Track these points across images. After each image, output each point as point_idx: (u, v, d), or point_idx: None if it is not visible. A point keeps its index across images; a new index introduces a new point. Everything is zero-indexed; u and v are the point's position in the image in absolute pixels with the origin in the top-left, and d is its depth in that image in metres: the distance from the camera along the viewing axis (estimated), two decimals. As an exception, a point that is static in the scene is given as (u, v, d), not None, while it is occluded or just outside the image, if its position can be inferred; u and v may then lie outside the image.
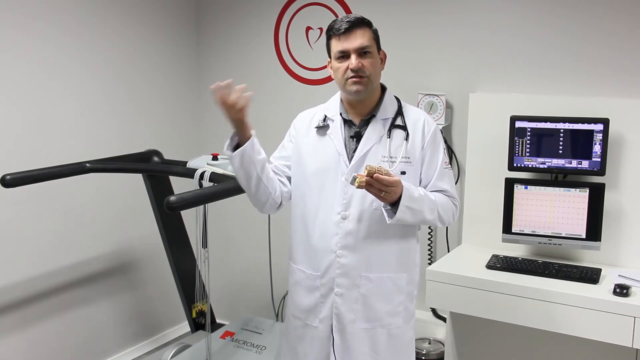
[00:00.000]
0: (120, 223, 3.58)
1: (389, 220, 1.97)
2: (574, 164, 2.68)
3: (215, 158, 2.91)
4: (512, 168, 2.79)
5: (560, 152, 2.70)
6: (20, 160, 2.98)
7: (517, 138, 2.75)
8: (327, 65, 2.12)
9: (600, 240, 2.65)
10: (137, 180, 3.34)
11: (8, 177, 2.73)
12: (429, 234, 3.20)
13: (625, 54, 2.71)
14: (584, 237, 2.67)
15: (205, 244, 2.92)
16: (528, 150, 2.74)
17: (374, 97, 2.09)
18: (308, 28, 3.52)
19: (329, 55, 2.08)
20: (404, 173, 2.04)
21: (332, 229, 2.06)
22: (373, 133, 2.06)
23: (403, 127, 2.08)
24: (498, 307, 2.54)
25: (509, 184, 2.77)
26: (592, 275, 2.54)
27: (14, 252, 3.07)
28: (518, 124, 2.75)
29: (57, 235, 3.25)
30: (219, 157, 2.92)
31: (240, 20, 3.74)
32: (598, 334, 2.37)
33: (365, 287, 2.07)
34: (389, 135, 2.06)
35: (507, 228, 2.79)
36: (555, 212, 2.71)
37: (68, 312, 3.35)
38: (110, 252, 3.56)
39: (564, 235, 2.70)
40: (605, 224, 2.67)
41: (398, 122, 2.09)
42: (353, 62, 1.97)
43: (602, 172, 2.63)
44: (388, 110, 2.09)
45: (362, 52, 1.99)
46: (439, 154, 2.10)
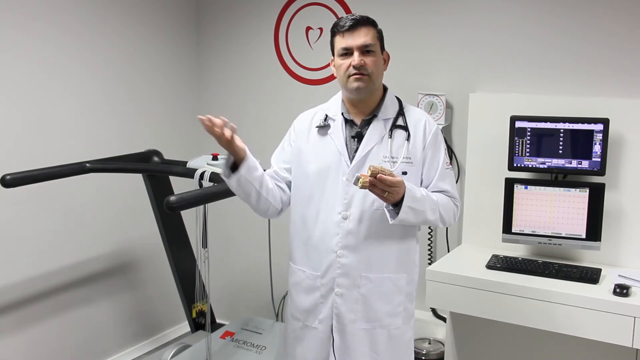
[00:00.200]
0: (120, 223, 3.58)
1: (392, 221, 1.97)
2: (574, 164, 2.68)
3: (215, 158, 2.91)
4: (512, 168, 2.79)
5: (560, 152, 2.70)
6: (20, 160, 2.98)
7: (517, 138, 2.76)
8: (330, 63, 2.13)
9: (600, 240, 2.65)
10: (137, 180, 3.34)
11: (8, 177, 2.73)
12: (429, 234, 3.20)
13: (625, 54, 2.71)
14: (584, 237, 2.67)
15: (205, 244, 2.92)
16: (528, 150, 2.75)
17: (376, 97, 2.09)
18: (308, 28, 3.52)
19: (332, 53, 2.08)
20: (405, 173, 2.04)
21: (332, 229, 2.06)
22: (374, 133, 2.06)
23: (404, 127, 2.08)
24: (498, 307, 2.54)
25: (509, 184, 2.77)
26: (592, 275, 2.54)
27: (14, 252, 3.07)
28: (518, 124, 2.75)
29: (57, 235, 3.25)
30: (219, 157, 2.92)
31: (240, 20, 3.74)
32: (598, 334, 2.37)
33: (366, 287, 2.07)
34: (391, 136, 2.07)
35: (507, 228, 2.79)
36: (555, 212, 2.71)
37: (68, 312, 3.35)
38: (110, 252, 3.56)
39: (564, 235, 2.70)
40: (605, 224, 2.67)
41: (399, 122, 2.09)
42: (355, 59, 1.98)
43: (602, 172, 2.63)
44: (389, 110, 2.09)
45: (365, 50, 1.99)
46: (440, 155, 2.11)
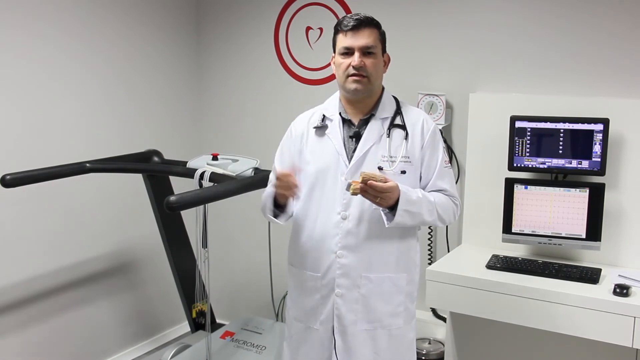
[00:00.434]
0: (120, 223, 3.58)
1: (388, 224, 1.98)
2: (574, 164, 2.68)
3: (215, 158, 2.91)
4: (512, 168, 2.79)
5: (560, 152, 2.70)
6: (20, 160, 2.98)
7: (517, 138, 2.75)
8: (330, 60, 2.12)
9: (600, 240, 2.65)
10: (137, 180, 3.34)
11: (8, 177, 2.73)
12: (429, 234, 3.20)
13: (625, 54, 2.71)
14: (584, 237, 2.67)
15: (205, 244, 2.92)
16: (528, 150, 2.74)
17: (374, 97, 2.09)
18: (308, 28, 3.52)
19: (334, 50, 2.08)
20: (404, 172, 2.04)
21: (332, 229, 2.06)
22: (372, 132, 2.06)
23: (402, 126, 2.08)
24: (498, 307, 2.54)
25: (509, 184, 2.77)
26: (592, 275, 2.54)
27: (14, 252, 3.07)
28: (518, 124, 2.75)
29: (57, 235, 3.25)
30: (219, 157, 2.92)
31: (240, 20, 3.74)
32: (598, 334, 2.37)
33: (366, 287, 2.07)
34: (389, 135, 2.07)
35: (507, 228, 2.79)
36: (555, 212, 2.71)
37: (68, 312, 3.35)
38: (110, 252, 3.56)
39: (564, 235, 2.70)
40: (605, 224, 2.67)
41: (397, 121, 2.09)
42: (356, 59, 1.98)
43: (602, 172, 2.63)
44: (387, 110, 2.09)
45: (366, 51, 2.00)
46: (439, 153, 2.11)
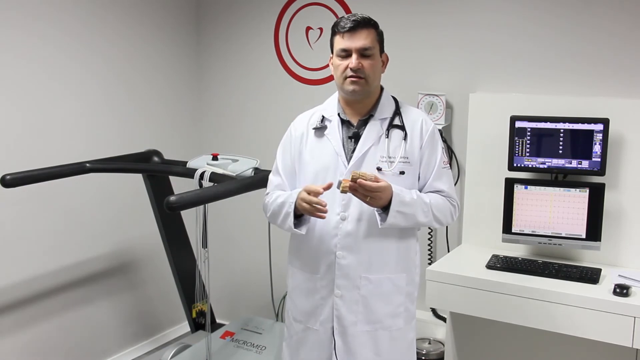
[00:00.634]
0: (120, 223, 3.58)
1: (381, 225, 1.98)
2: (574, 164, 2.68)
3: (215, 158, 2.91)
4: (512, 168, 2.78)
5: (560, 152, 2.70)
6: (20, 160, 2.98)
7: (517, 138, 2.75)
8: (329, 61, 2.12)
9: (600, 240, 2.65)
10: (137, 180, 3.34)
11: (8, 177, 2.73)
12: (429, 234, 3.20)
13: (625, 54, 2.70)
14: (584, 237, 2.67)
15: (205, 244, 2.92)
16: (528, 150, 2.74)
17: (372, 98, 2.09)
18: (308, 28, 3.52)
19: (332, 51, 2.08)
20: (403, 173, 2.04)
21: (331, 230, 2.06)
22: (371, 133, 2.06)
23: (401, 127, 2.08)
24: (498, 307, 2.54)
25: (509, 184, 2.77)
26: (592, 275, 2.54)
27: (14, 252, 3.07)
28: (518, 124, 2.75)
29: (57, 235, 3.25)
30: (219, 157, 2.92)
31: (240, 20, 3.74)
32: (598, 334, 2.37)
33: (366, 288, 2.07)
34: (388, 135, 2.06)
35: (507, 228, 2.79)
36: (555, 212, 2.71)
37: (68, 312, 3.35)
38: (110, 252, 3.56)
39: (564, 235, 2.70)
40: (605, 224, 2.67)
41: (396, 122, 2.09)
42: (353, 61, 1.98)
43: (602, 172, 2.63)
44: (386, 110, 2.09)
45: (363, 52, 1.99)
46: (437, 154, 2.10)
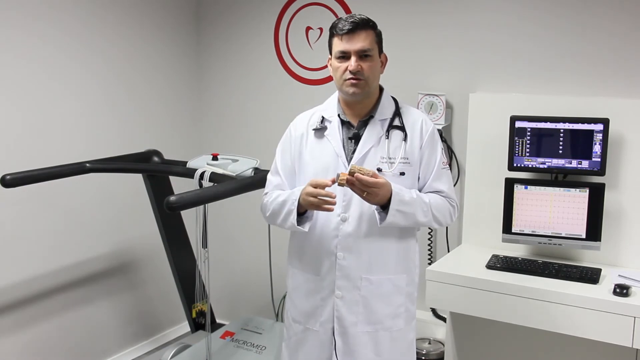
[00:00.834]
0: (120, 223, 3.58)
1: (380, 224, 1.98)
2: (574, 164, 2.68)
3: (215, 158, 2.91)
4: (512, 168, 2.78)
5: (560, 152, 2.70)
6: (20, 160, 2.98)
7: (517, 138, 2.75)
8: (327, 62, 2.11)
9: (600, 240, 2.65)
10: (137, 180, 3.34)
11: (8, 177, 2.73)
12: (429, 234, 3.20)
13: (625, 54, 2.70)
14: (584, 237, 2.67)
15: (205, 244, 2.92)
16: (528, 150, 2.74)
17: (372, 98, 2.09)
18: (308, 28, 3.52)
19: (330, 53, 2.07)
20: (403, 174, 2.04)
21: (332, 231, 2.05)
22: (372, 134, 2.06)
23: (401, 127, 2.08)
24: (498, 307, 2.54)
25: (509, 184, 2.77)
26: (592, 275, 2.54)
27: (14, 252, 3.07)
28: (518, 124, 2.75)
29: (57, 235, 3.25)
30: (219, 157, 2.92)
31: (240, 20, 3.74)
32: (598, 334, 2.37)
33: (366, 289, 2.07)
34: (388, 136, 2.06)
35: (507, 228, 2.79)
36: (555, 212, 2.71)
37: (68, 312, 3.35)
38: (110, 252, 3.56)
39: (564, 235, 2.70)
40: (605, 224, 2.67)
41: (396, 122, 2.08)
42: (352, 64, 1.97)
43: (602, 172, 2.63)
44: (386, 111, 2.09)
45: (362, 54, 1.98)
46: (437, 154, 2.10)
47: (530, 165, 2.75)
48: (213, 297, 3.61)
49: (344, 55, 1.99)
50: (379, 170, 2.02)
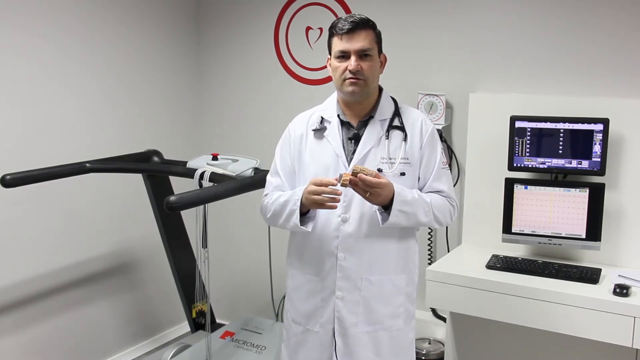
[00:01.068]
0: (120, 223, 3.58)
1: (383, 224, 1.98)
2: (574, 164, 2.68)
3: (215, 158, 2.91)
4: (512, 168, 2.79)
5: (560, 152, 2.70)
6: (20, 160, 2.98)
7: (517, 138, 2.75)
8: (326, 62, 2.11)
9: (600, 240, 2.65)
10: (137, 180, 3.34)
11: (8, 177, 2.73)
12: (429, 234, 3.20)
13: (625, 54, 2.70)
14: (584, 237, 2.67)
15: (205, 244, 2.92)
16: (528, 150, 2.74)
17: (372, 99, 2.08)
18: (308, 28, 3.52)
19: (329, 52, 2.07)
20: (404, 174, 2.04)
21: (332, 232, 2.05)
22: (371, 134, 2.05)
23: (401, 128, 2.08)
24: (498, 307, 2.54)
25: (509, 184, 2.77)
26: (592, 275, 2.54)
27: (14, 252, 3.07)
28: (518, 124, 2.75)
29: (57, 235, 3.25)
30: (219, 157, 2.92)
31: (240, 20, 3.74)
32: (598, 334, 2.37)
33: (367, 289, 2.07)
34: (388, 137, 2.06)
35: (507, 228, 2.79)
36: (555, 212, 2.71)
37: (68, 312, 3.35)
38: (110, 252, 3.56)
39: (564, 235, 2.70)
40: (605, 224, 2.67)
41: (396, 122, 2.08)
42: (352, 63, 1.97)
43: (602, 172, 2.63)
44: (385, 111, 2.09)
45: (362, 54, 1.98)
46: (437, 154, 2.10)
47: (530, 165, 2.75)
48: (213, 297, 3.61)
49: (344, 55, 1.99)
50: (380, 171, 2.02)
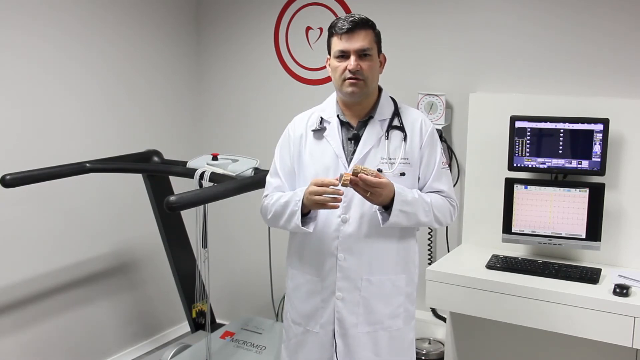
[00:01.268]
0: (120, 223, 3.58)
1: (383, 224, 1.97)
2: (574, 164, 2.68)
3: (215, 158, 2.91)
4: (512, 168, 2.79)
5: (560, 152, 2.70)
6: (20, 160, 2.98)
7: (517, 138, 2.75)
8: (326, 62, 2.10)
9: (600, 240, 2.65)
10: (137, 180, 3.34)
11: (8, 177, 2.73)
12: (429, 234, 3.20)
13: (625, 54, 2.70)
14: (584, 237, 2.67)
15: (205, 244, 2.92)
16: (528, 150, 2.74)
17: (371, 99, 2.08)
18: (308, 28, 3.52)
19: (329, 52, 2.07)
20: (404, 174, 2.04)
21: (332, 232, 2.05)
22: (371, 135, 2.05)
23: (401, 128, 2.08)
24: (498, 307, 2.54)
25: (509, 184, 2.77)
26: (592, 275, 2.54)
27: (14, 252, 3.07)
28: (518, 124, 2.75)
29: (57, 235, 3.25)
30: (219, 157, 2.92)
31: (240, 20, 3.74)
32: (598, 334, 2.37)
33: (367, 289, 2.06)
34: (387, 137, 2.06)
35: (507, 228, 2.79)
36: (555, 212, 2.71)
37: (68, 312, 3.35)
38: (110, 252, 3.56)
39: (564, 235, 2.70)
40: (605, 224, 2.67)
41: (395, 123, 2.08)
42: (352, 63, 1.96)
43: (602, 172, 2.63)
44: (385, 111, 2.08)
45: (362, 54, 1.98)
46: (437, 154, 2.10)
47: (530, 165, 2.75)
48: (213, 297, 3.61)
49: (343, 55, 1.99)
50: (380, 171, 2.01)
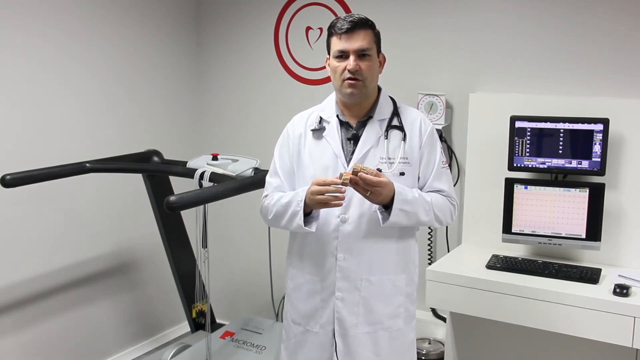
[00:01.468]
0: (120, 223, 3.58)
1: (383, 224, 1.97)
2: (574, 164, 2.68)
3: (215, 158, 2.91)
4: (512, 168, 2.79)
5: (560, 152, 2.70)
6: (20, 160, 2.98)
7: (517, 138, 2.75)
8: (325, 62, 2.10)
9: (600, 240, 2.65)
10: (137, 180, 3.34)
11: (8, 177, 2.73)
12: (429, 234, 3.20)
13: (625, 54, 2.70)
14: (584, 237, 2.67)
15: (205, 244, 2.92)
16: (528, 150, 2.74)
17: (370, 99, 2.08)
18: (308, 28, 3.52)
19: (328, 52, 2.07)
20: (403, 174, 2.04)
21: (331, 233, 2.05)
22: (371, 134, 2.05)
23: (400, 127, 2.08)
24: (498, 307, 2.54)
25: (509, 184, 2.77)
26: (592, 275, 2.54)
27: (14, 252, 3.07)
28: (518, 124, 2.75)
29: (57, 235, 3.25)
30: (219, 157, 2.92)
31: (240, 20, 3.74)
32: (598, 334, 2.37)
33: (366, 290, 2.06)
34: (387, 137, 2.06)
35: (507, 228, 2.79)
36: (555, 212, 2.71)
37: (68, 312, 3.35)
38: (110, 252, 3.56)
39: (564, 235, 2.70)
40: (605, 224, 2.67)
41: (395, 122, 2.08)
42: (351, 63, 1.96)
43: (602, 172, 2.63)
44: (384, 111, 2.08)
45: (361, 54, 1.98)
46: (436, 154, 2.10)
47: (530, 165, 2.75)
48: (213, 297, 3.61)
49: (343, 55, 1.99)
50: (379, 171, 2.01)
